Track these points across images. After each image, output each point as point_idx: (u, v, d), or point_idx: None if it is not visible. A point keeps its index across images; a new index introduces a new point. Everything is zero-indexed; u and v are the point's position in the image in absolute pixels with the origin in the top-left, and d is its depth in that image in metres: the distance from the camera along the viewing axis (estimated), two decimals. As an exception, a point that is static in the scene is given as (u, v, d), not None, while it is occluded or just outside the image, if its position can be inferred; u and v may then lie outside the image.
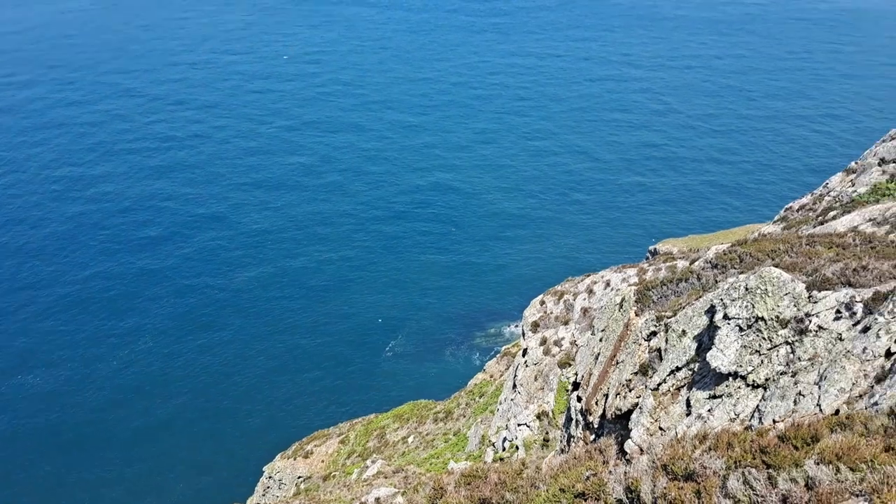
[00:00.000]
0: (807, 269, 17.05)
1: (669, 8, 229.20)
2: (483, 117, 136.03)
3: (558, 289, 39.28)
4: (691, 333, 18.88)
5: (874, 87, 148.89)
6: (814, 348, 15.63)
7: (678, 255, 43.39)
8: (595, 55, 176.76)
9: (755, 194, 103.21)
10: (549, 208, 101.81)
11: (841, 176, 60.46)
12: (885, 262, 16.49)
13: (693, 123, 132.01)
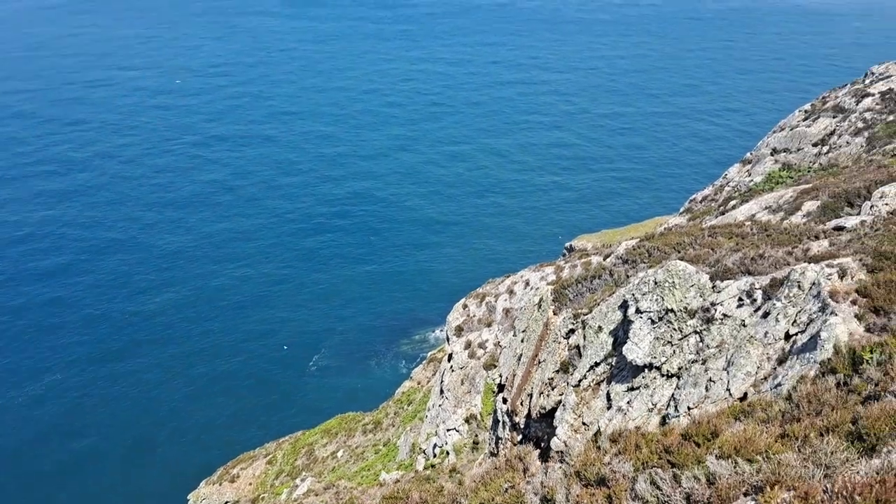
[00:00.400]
0: (710, 260, 17.81)
1: (571, 11, 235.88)
2: (397, 124, 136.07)
3: (480, 291, 39.64)
4: (607, 329, 19.42)
5: (765, 80, 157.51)
6: (720, 335, 16.35)
7: (592, 250, 44.52)
8: (504, 59, 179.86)
9: (663, 187, 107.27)
10: (469, 211, 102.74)
11: (738, 167, 63.73)
12: (779, 249, 17.41)
13: (602, 122, 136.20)
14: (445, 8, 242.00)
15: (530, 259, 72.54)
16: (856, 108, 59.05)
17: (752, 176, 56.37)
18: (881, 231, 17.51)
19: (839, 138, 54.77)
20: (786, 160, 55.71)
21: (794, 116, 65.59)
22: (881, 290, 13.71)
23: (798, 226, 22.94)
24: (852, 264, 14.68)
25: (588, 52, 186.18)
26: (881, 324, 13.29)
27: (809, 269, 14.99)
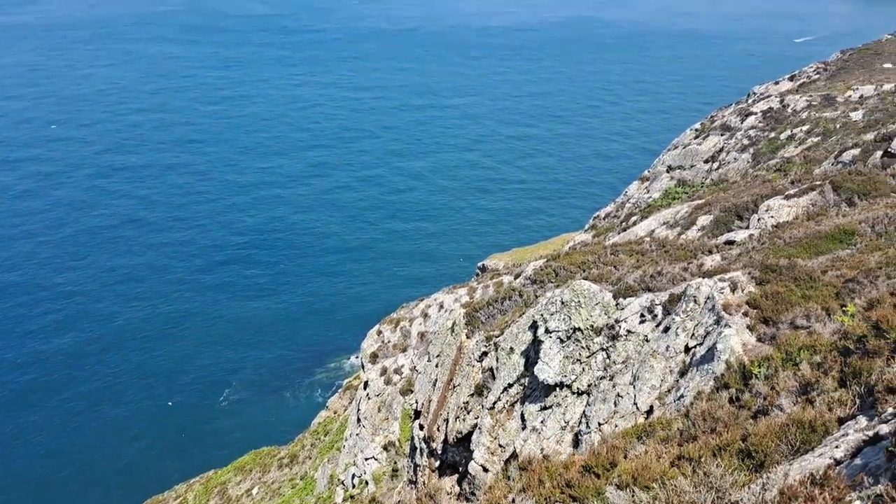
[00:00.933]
0: (612, 278, 18.41)
1: (474, 36, 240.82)
2: (307, 149, 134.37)
3: (394, 316, 39.43)
4: (518, 350, 19.70)
5: (661, 100, 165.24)
6: (626, 351, 16.89)
7: (504, 270, 45.17)
8: (412, 83, 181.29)
9: (570, 205, 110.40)
10: (383, 236, 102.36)
11: (637, 184, 66.50)
12: (676, 265, 18.20)
13: (511, 144, 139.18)
14: (350, 33, 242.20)
15: (445, 281, 72.90)
16: (741, 126, 62.89)
17: (650, 192, 58.88)
18: (767, 244, 18.56)
19: (727, 155, 58.05)
20: (680, 176, 58.56)
21: (687, 135, 69.19)
22: (769, 302, 14.48)
23: (693, 241, 24.00)
24: (742, 278, 15.48)
25: (495, 75, 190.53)
26: (771, 333, 14.05)
27: (704, 283, 15.72)
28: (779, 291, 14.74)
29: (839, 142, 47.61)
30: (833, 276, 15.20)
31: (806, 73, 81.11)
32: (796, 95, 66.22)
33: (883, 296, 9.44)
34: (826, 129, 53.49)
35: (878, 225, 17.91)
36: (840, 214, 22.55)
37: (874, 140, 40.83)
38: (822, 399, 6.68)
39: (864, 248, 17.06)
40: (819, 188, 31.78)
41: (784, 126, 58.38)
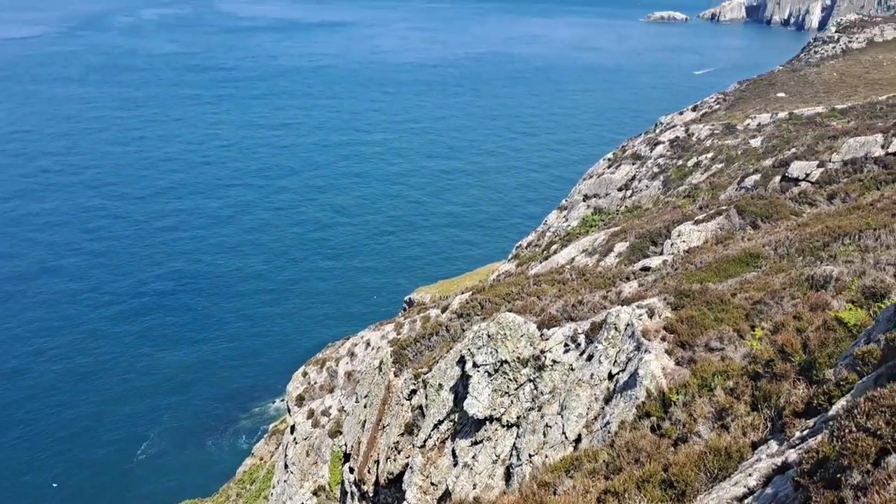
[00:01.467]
0: (536, 309, 18.69)
1: (390, 72, 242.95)
2: (226, 190, 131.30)
3: (320, 357, 38.71)
4: (447, 386, 19.67)
5: (575, 131, 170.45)
6: (552, 381, 17.13)
7: (430, 303, 45.13)
8: (330, 120, 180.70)
9: (494, 235, 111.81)
10: (307, 275, 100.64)
11: (556, 213, 68.24)
12: (596, 293, 18.68)
13: (435, 177, 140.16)
14: (264, 71, 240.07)
15: (372, 317, 72.23)
16: (651, 154, 65.61)
17: (568, 221, 60.41)
18: (680, 270, 19.24)
19: (639, 182, 60.35)
20: (596, 204, 60.41)
21: (600, 165, 71.65)
22: (685, 326, 14.99)
23: (611, 268, 24.64)
24: (659, 304, 15.97)
25: (413, 110, 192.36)
26: (688, 356, 14.54)
27: (623, 311, 16.16)
28: (693, 315, 15.29)
29: (741, 168, 50.28)
30: (742, 298, 15.89)
31: (707, 104, 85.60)
32: (700, 124, 69.68)
33: (787, 319, 9.94)
34: (729, 156, 56.38)
35: (780, 248, 18.88)
36: (745, 238, 23.68)
37: (773, 166, 43.35)
38: (736, 424, 6.94)
39: (768, 270, 17.92)
40: (725, 213, 33.35)
41: (690, 154, 61.19)
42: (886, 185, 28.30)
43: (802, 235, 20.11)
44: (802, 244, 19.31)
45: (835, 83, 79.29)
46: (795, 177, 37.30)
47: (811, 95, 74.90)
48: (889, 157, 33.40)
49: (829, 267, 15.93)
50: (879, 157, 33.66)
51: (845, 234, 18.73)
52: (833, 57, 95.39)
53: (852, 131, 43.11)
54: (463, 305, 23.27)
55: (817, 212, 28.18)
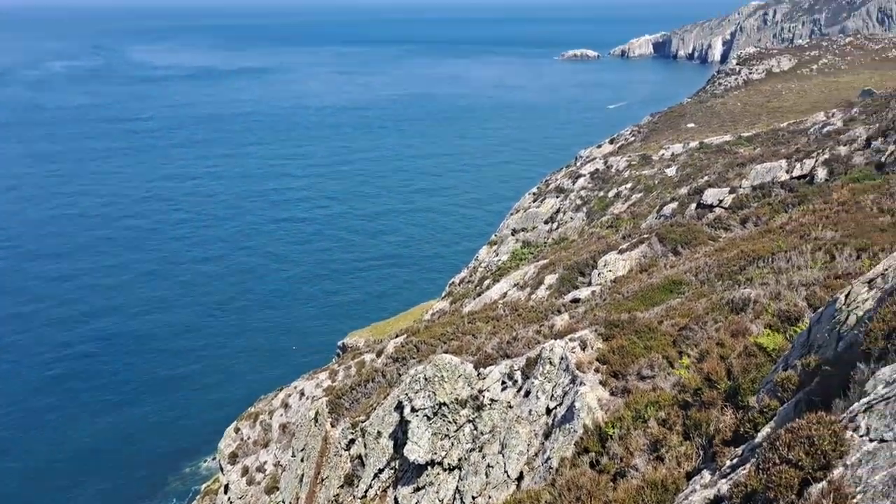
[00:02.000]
0: (472, 348, 18.72)
1: (314, 117, 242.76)
2: (145, 247, 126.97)
3: (252, 410, 37.51)
4: (386, 433, 19.36)
5: (500, 165, 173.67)
6: (492, 420, 17.11)
7: (365, 348, 44.60)
8: (252, 167, 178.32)
9: (427, 274, 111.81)
10: (234, 328, 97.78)
11: (487, 248, 69.05)
12: (530, 328, 18.88)
13: (362, 219, 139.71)
14: (181, 120, 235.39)
15: (305, 366, 70.68)
16: (573, 187, 67.43)
17: (499, 255, 61.15)
18: (608, 300, 19.67)
19: (564, 215, 61.80)
20: (525, 238, 61.45)
21: (526, 199, 73.14)
22: (616, 356, 15.28)
23: (542, 301, 24.95)
24: (590, 336, 16.24)
25: (341, 153, 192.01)
26: (621, 386, 14.80)
27: (557, 345, 16.37)
28: (623, 345, 15.61)
29: (659, 196, 52.21)
30: (668, 325, 16.34)
31: (623, 136, 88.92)
32: (617, 156, 72.21)
33: (711, 346, 10.29)
34: (647, 186, 58.49)
35: (701, 273, 19.57)
36: (668, 265, 24.44)
37: (688, 193, 45.21)
38: (670, 455, 7.09)
39: (691, 296, 18.52)
40: (647, 241, 34.44)
41: (610, 185, 63.20)
42: (793, 208, 29.83)
43: (720, 260, 20.92)
44: (721, 269, 20.09)
45: (739, 112, 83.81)
46: (710, 203, 38.97)
47: (719, 125, 78.83)
48: (794, 180, 35.34)
49: (746, 290, 16.61)
50: (785, 181, 35.57)
51: (759, 257, 19.59)
52: (736, 88, 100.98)
53: (759, 158, 45.52)
54: (398, 349, 23.09)
55: (732, 236, 29.45)
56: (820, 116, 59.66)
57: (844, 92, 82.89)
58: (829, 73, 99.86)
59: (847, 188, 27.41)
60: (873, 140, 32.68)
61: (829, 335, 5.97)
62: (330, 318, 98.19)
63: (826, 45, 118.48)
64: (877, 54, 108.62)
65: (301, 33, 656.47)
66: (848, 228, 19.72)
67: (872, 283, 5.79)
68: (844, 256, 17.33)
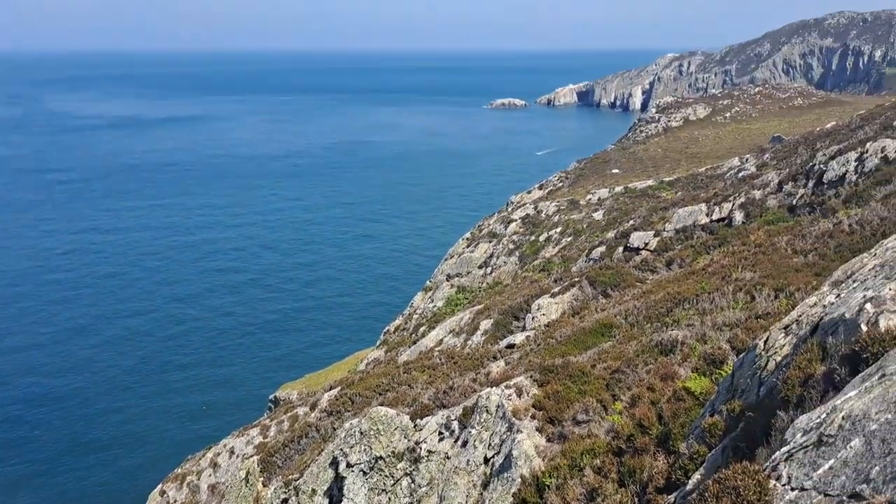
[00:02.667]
0: (408, 399, 18.49)
1: (248, 166, 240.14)
2: (62, 306, 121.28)
3: (179, 472, 35.82)
4: (321, 490, 18.77)
5: (433, 211, 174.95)
6: (429, 472, 16.83)
7: (298, 400, 43.48)
8: (180, 219, 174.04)
9: (362, 320, 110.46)
10: (160, 390, 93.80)
11: (421, 294, 68.97)
12: (466, 376, 18.82)
13: (295, 269, 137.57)
14: (106, 170, 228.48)
15: (236, 422, 68.26)
16: (505, 232, 68.47)
17: (434, 302, 61.14)
18: (542, 345, 19.83)
19: (498, 259, 62.53)
20: (460, 283, 61.73)
21: (460, 244, 73.75)
22: (551, 402, 15.36)
23: (478, 348, 24.97)
24: (526, 382, 16.29)
25: (275, 202, 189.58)
26: (557, 432, 14.86)
27: (493, 393, 16.34)
28: (559, 391, 15.71)
29: (588, 240, 53.55)
30: (601, 368, 16.58)
31: (552, 182, 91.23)
32: (547, 201, 73.92)
33: (642, 391, 10.47)
34: (576, 230, 59.95)
35: (630, 316, 20.01)
36: (599, 308, 24.90)
37: (615, 237, 46.53)
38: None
39: (622, 339, 18.87)
40: (578, 284, 35.12)
41: (541, 229, 64.48)
42: (714, 250, 31.03)
43: (648, 303, 21.46)
44: (649, 311, 20.60)
45: (660, 158, 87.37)
46: (636, 246, 40.20)
47: (641, 170, 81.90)
48: (713, 223, 36.88)
49: (674, 332, 17.06)
50: (705, 224, 37.09)
51: (685, 298, 20.20)
52: (656, 135, 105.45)
53: (680, 202, 47.39)
54: (332, 402, 22.60)
55: (658, 278, 30.36)
56: (735, 161, 62.79)
57: (756, 138, 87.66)
58: (742, 120, 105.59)
59: (763, 230, 28.75)
60: (784, 184, 34.54)
61: (751, 380, 6.17)
62: (262, 369, 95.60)
63: (737, 94, 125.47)
64: (783, 102, 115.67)
65: (231, 81, 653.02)
66: (766, 269, 20.60)
67: (788, 329, 6.05)
68: (763, 297, 18.06)
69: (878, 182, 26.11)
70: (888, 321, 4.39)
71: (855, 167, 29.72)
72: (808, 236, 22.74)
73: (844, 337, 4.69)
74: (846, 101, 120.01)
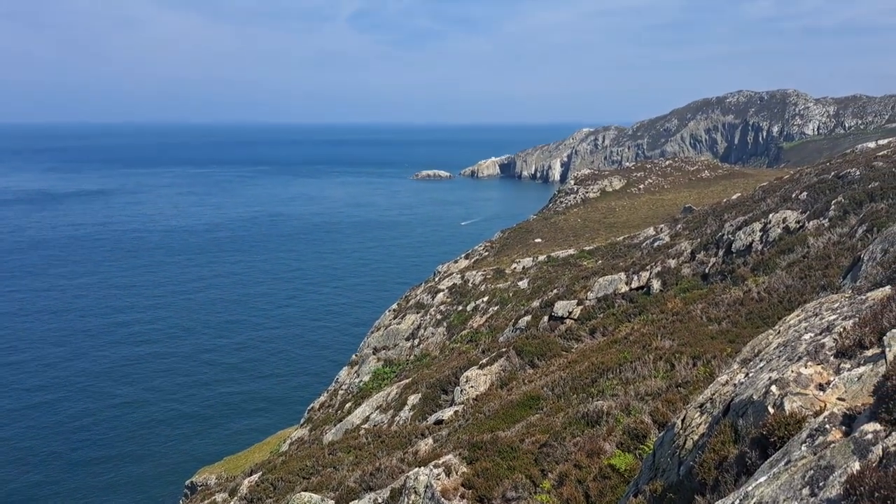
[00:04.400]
0: (333, 483, 17.87)
1: (161, 239, 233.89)
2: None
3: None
4: (241, 585, 17.68)
5: (360, 284, 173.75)
6: (357, 560, 16.16)
7: (216, 486, 41.38)
8: (90, 298, 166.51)
9: (285, 401, 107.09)
10: (64, 476, 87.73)
11: (347, 369, 67.62)
12: (393, 455, 18.40)
13: (220, 346, 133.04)
14: (7, 245, 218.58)
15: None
16: (433, 302, 68.53)
17: (360, 376, 60.00)
18: (470, 420, 19.68)
19: (425, 330, 62.31)
20: (386, 357, 60.96)
21: (386, 316, 73.20)
22: (481, 480, 15.14)
23: (406, 425, 24.56)
24: (454, 460, 16.05)
25: (192, 277, 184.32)
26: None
27: (421, 473, 15.99)
28: (488, 468, 15.53)
29: (514, 309, 54.15)
30: (530, 443, 16.53)
31: (478, 251, 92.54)
32: (473, 271, 74.71)
33: (569, 469, 10.47)
34: (502, 299, 60.61)
35: (556, 387, 20.17)
36: (526, 380, 25.01)
37: (540, 306, 47.25)
38: None
39: (549, 411, 18.93)
40: (506, 354, 35.27)
41: (468, 299, 64.89)
42: (634, 318, 31.92)
43: (574, 373, 21.72)
44: (574, 382, 20.83)
45: (580, 228, 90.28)
46: (560, 315, 40.90)
47: (563, 239, 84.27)
48: (633, 291, 38.03)
49: (599, 402, 17.27)
50: (625, 292, 38.20)
51: (608, 368, 20.56)
52: (576, 205, 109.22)
53: (601, 271, 48.78)
54: (253, 488, 21.61)
55: (583, 347, 30.87)
56: (650, 231, 65.47)
57: (668, 208, 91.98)
58: (655, 191, 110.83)
59: (679, 298, 29.83)
60: (697, 253, 36.15)
61: (671, 459, 6.27)
62: (179, 453, 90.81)
63: (650, 167, 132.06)
64: (692, 174, 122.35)
65: (144, 153, 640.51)
66: (683, 337, 21.28)
67: (703, 408, 6.22)
68: (682, 364, 18.58)
69: (781, 251, 27.67)
70: (792, 404, 4.58)
71: (760, 237, 31.45)
72: (720, 304, 23.72)
73: (754, 419, 4.85)
74: (749, 174, 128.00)
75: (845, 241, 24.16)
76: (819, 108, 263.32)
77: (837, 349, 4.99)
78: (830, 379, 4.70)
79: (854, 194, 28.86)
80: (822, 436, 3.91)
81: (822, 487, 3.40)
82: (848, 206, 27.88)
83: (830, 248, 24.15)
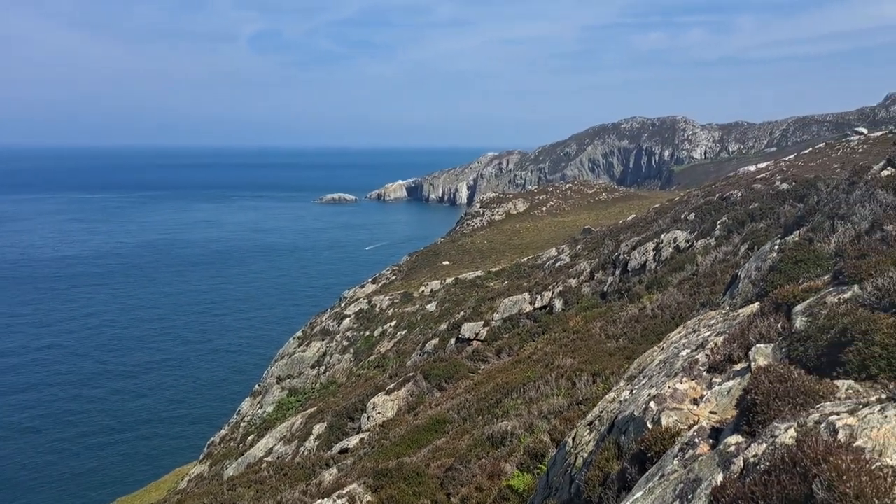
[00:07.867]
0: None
1: (49, 269, 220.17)
2: None
3: None
4: None
5: (262, 311, 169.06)
6: None
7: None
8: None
9: (183, 432, 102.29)
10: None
11: (250, 400, 65.42)
12: (296, 488, 17.89)
13: (115, 377, 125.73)
14: None
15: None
16: (339, 328, 67.59)
17: (263, 407, 58.26)
18: (376, 447, 19.44)
19: (331, 357, 61.32)
20: (291, 386, 59.51)
21: (290, 344, 71.49)
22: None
23: (310, 456, 24.03)
24: (359, 489, 15.79)
25: (85, 306, 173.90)
26: (393, 540, 14.39)
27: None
28: (393, 495, 15.35)
29: (422, 333, 54.15)
30: (435, 467, 16.47)
31: (385, 275, 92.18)
32: (381, 295, 74.34)
33: (470, 492, 10.49)
34: (410, 323, 60.53)
35: (462, 410, 20.25)
36: (433, 404, 24.98)
37: (448, 329, 47.48)
38: None
39: (455, 434, 18.96)
40: (413, 379, 35.13)
41: (375, 324, 64.44)
42: (538, 337, 32.58)
43: (479, 395, 21.88)
44: (480, 403, 20.98)
45: (487, 250, 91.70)
46: (467, 337, 41.24)
47: (470, 261, 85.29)
48: (536, 311, 38.86)
49: (503, 423, 17.46)
50: (529, 312, 38.98)
51: (513, 388, 20.85)
52: (482, 228, 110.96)
53: (506, 292, 49.60)
54: (149, 530, 20.48)
55: (489, 368, 31.20)
56: (552, 252, 67.27)
57: (569, 229, 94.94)
58: (557, 213, 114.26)
59: (580, 317, 30.70)
60: (596, 273, 37.41)
61: (563, 478, 6.39)
62: (69, 495, 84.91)
63: (551, 190, 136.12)
64: (591, 197, 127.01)
65: (25, 178, 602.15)
66: (584, 355, 21.89)
67: (592, 426, 6.40)
68: (583, 382, 19.08)
69: (673, 269, 29.04)
70: (668, 419, 4.78)
71: (653, 256, 32.91)
72: (618, 321, 24.58)
73: (634, 435, 5.02)
74: (644, 196, 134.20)
75: (730, 258, 25.65)
76: (705, 133, 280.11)
77: (710, 364, 5.26)
78: (703, 393, 4.95)
79: (737, 215, 30.73)
80: (692, 449, 4.09)
81: (690, 500, 3.56)
82: (731, 226, 29.64)
83: (717, 265, 25.56)
